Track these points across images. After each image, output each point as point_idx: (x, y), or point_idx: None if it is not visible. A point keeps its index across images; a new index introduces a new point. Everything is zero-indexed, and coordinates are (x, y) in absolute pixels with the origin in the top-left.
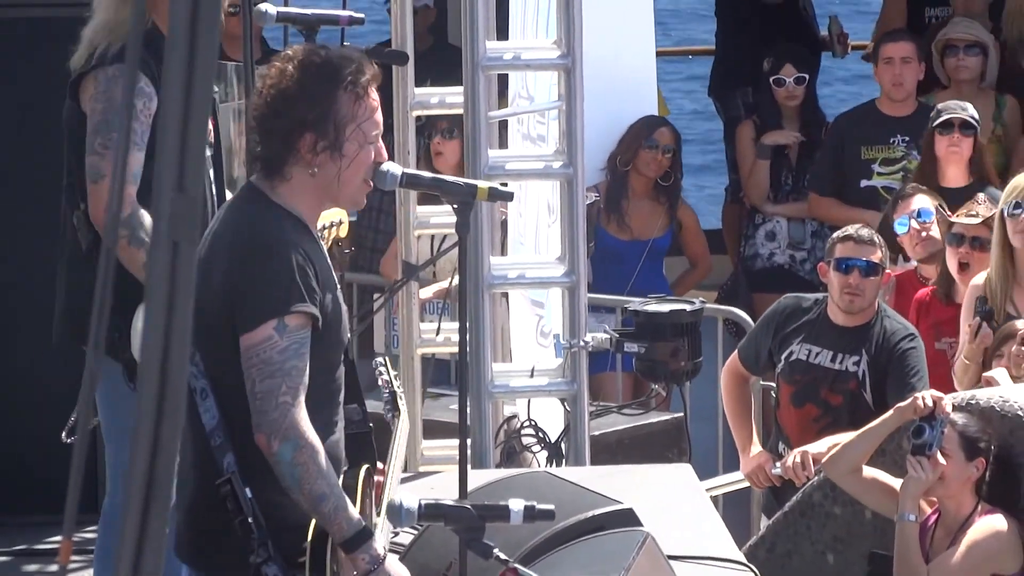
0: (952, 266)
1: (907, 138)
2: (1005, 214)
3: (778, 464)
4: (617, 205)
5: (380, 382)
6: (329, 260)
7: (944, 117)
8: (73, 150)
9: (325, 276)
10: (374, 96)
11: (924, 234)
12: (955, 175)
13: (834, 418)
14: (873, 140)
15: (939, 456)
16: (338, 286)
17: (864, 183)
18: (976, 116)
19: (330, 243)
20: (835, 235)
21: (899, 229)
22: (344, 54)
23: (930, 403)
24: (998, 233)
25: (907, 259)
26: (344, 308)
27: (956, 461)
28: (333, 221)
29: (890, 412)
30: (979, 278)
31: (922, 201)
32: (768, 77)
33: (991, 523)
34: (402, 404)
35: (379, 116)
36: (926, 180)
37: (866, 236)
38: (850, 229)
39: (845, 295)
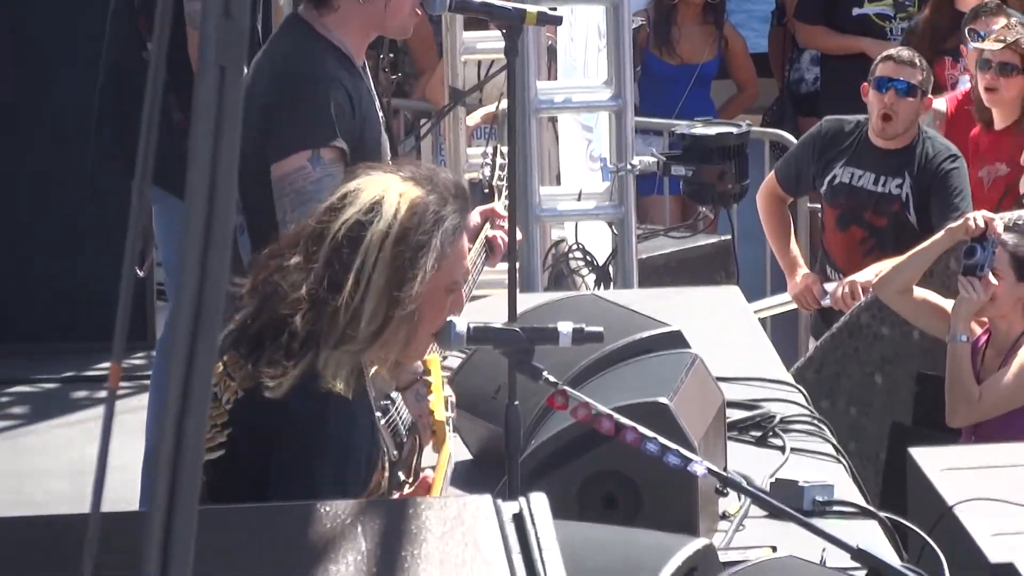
0: (981, 91)
1: None
2: None
3: (827, 292)
4: (666, 33)
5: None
6: (373, 90)
7: None
8: None
9: (366, 111)
10: None
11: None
12: None
13: (879, 240)
14: None
15: (991, 276)
16: (380, 115)
17: (856, 11)
18: None
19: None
20: (880, 55)
21: (973, 41)
22: None
23: (981, 223)
24: None
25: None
26: (385, 138)
27: (1008, 281)
28: None
29: (941, 232)
30: None
31: (1002, 23)
32: None
33: None
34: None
35: None
36: None
37: (906, 57)
38: (892, 49)
39: (880, 119)
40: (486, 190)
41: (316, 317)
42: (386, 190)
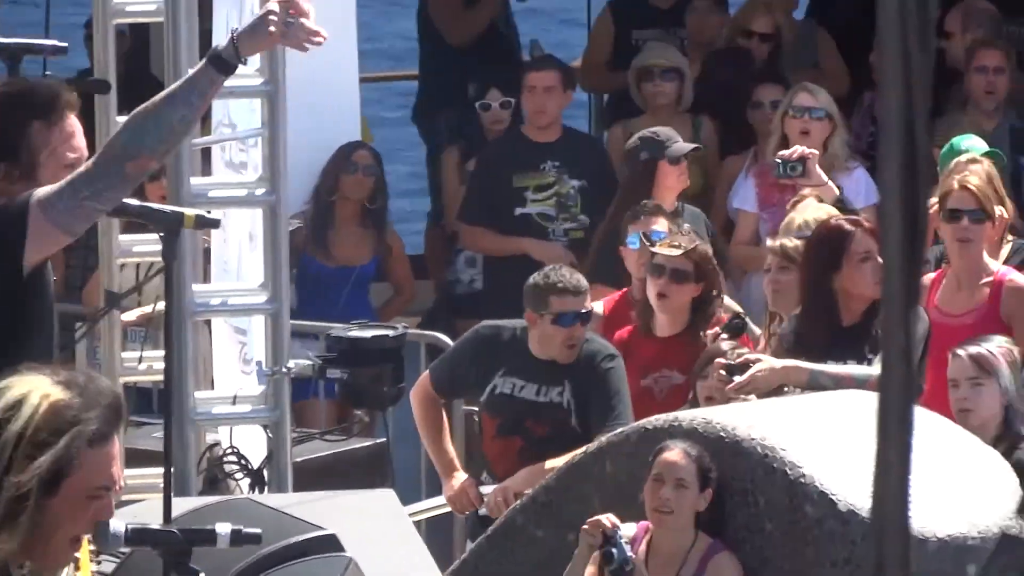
0: (651, 296)
1: (557, 163)
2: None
3: (483, 495)
4: (323, 234)
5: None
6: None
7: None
8: None
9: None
10: (72, 121)
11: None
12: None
13: (540, 449)
14: (524, 167)
15: (643, 569)
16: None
17: (519, 211)
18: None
19: None
20: (542, 283)
21: (632, 244)
22: (39, 82)
23: (599, 531)
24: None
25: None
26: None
27: (692, 492)
28: None
29: (578, 548)
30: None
31: (663, 224)
32: (474, 102)
33: (724, 562)
34: None
35: (78, 141)
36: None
37: (582, 286)
38: (559, 280)
39: (567, 348)
40: None
41: None
42: (31, 391)
